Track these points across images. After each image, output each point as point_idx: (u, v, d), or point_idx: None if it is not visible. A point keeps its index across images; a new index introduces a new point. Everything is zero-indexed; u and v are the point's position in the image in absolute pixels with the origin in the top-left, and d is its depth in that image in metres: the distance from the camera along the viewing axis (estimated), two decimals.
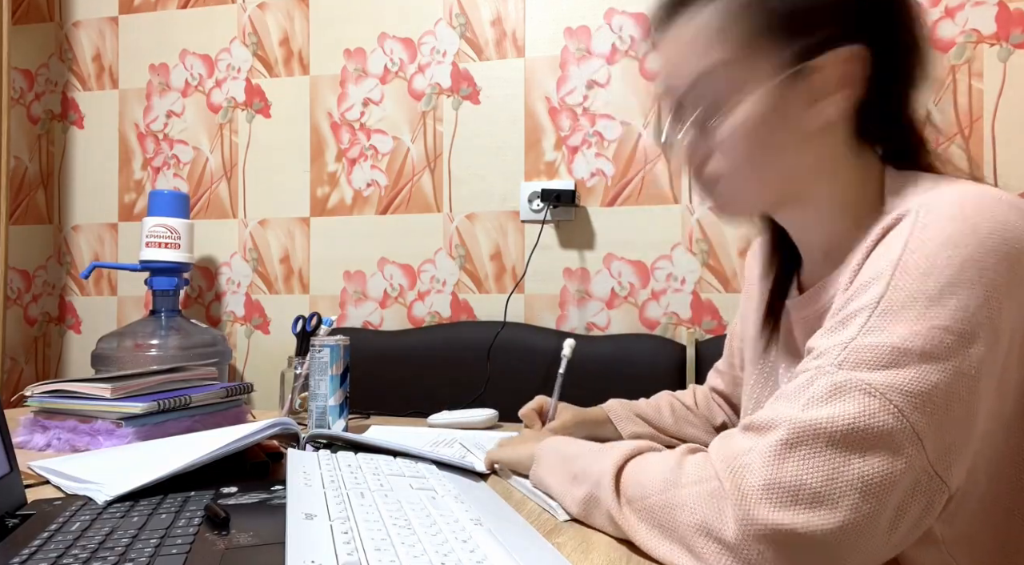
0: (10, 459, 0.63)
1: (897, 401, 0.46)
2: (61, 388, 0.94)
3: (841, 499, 0.45)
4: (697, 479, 0.52)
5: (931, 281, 0.48)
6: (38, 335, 1.97)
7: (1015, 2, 1.39)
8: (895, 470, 0.45)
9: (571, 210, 1.60)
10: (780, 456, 0.47)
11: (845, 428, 0.46)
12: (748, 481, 0.48)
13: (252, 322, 1.81)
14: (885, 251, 0.52)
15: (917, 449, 0.46)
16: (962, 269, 0.48)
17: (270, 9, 1.81)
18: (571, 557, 0.52)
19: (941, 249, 0.49)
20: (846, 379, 0.48)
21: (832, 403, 0.47)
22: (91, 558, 0.49)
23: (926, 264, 0.49)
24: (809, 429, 0.47)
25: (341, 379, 1.02)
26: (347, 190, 1.75)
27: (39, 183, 1.97)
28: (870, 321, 0.49)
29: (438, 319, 1.68)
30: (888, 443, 0.46)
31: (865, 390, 0.47)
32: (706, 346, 1.47)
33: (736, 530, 0.47)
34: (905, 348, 0.47)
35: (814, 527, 0.45)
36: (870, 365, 0.48)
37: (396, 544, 0.47)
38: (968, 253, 0.48)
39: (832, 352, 0.50)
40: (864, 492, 0.45)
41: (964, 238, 0.49)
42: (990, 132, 1.41)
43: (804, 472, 0.46)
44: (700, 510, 0.50)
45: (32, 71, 1.97)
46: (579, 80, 1.60)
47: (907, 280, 0.49)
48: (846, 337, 0.50)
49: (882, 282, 0.50)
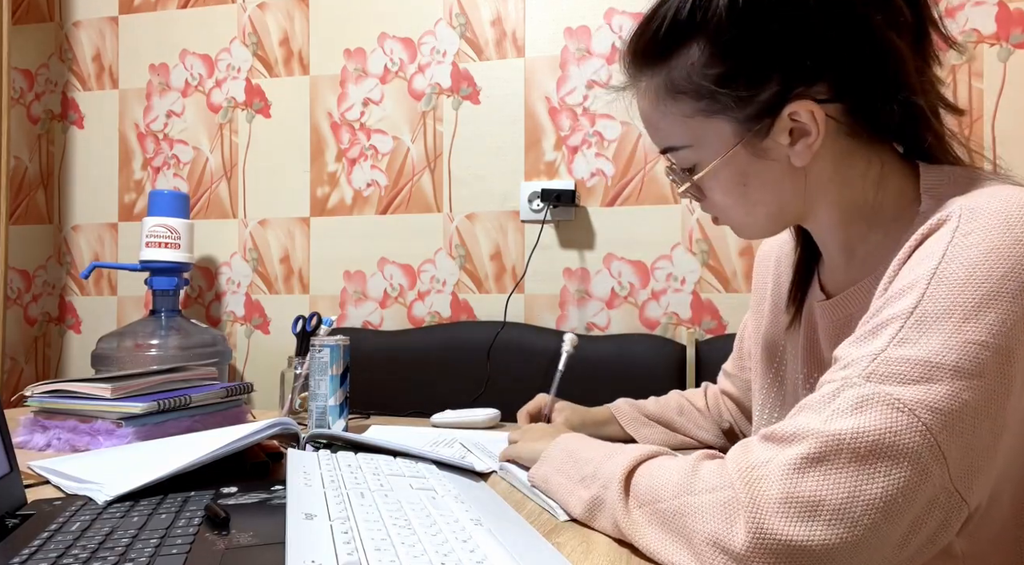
0: (10, 459, 0.63)
1: (926, 418, 0.44)
2: (61, 388, 0.94)
3: (861, 517, 0.44)
4: (712, 487, 0.50)
5: (969, 293, 0.46)
6: (38, 335, 1.97)
7: (1015, 2, 1.39)
8: (917, 488, 0.44)
9: (571, 210, 1.60)
10: (800, 470, 0.46)
11: (870, 444, 0.44)
12: (765, 493, 0.46)
13: (252, 322, 1.81)
14: (923, 258, 0.50)
15: (941, 468, 0.44)
16: (1003, 281, 0.46)
17: (270, 9, 1.81)
18: (571, 557, 0.52)
19: (982, 259, 0.47)
20: (874, 392, 0.46)
21: (858, 417, 0.45)
22: (91, 558, 0.49)
23: (965, 275, 0.47)
24: (832, 443, 0.45)
25: (341, 379, 1.02)
26: (347, 190, 1.75)
27: (39, 183, 1.97)
28: (902, 332, 0.47)
29: (438, 319, 1.68)
30: (913, 461, 0.44)
31: (894, 405, 0.45)
32: (706, 346, 1.47)
33: (746, 541, 0.46)
34: (937, 363, 0.45)
35: (828, 543, 0.44)
36: (900, 379, 0.46)
37: (396, 544, 0.47)
38: (1011, 265, 0.46)
39: (861, 363, 0.48)
40: (885, 511, 0.44)
41: (1008, 249, 0.47)
42: (990, 132, 1.41)
43: (824, 488, 0.45)
44: (712, 519, 0.48)
45: (32, 71, 1.97)
46: (579, 80, 1.60)
47: (944, 290, 0.47)
48: (876, 348, 0.48)
49: (917, 291, 0.48)
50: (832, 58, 0.56)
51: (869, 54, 0.56)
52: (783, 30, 0.55)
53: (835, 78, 0.57)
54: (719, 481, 0.50)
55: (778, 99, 0.57)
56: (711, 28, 0.57)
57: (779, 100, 0.57)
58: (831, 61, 0.56)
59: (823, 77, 0.57)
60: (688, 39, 0.59)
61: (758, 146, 0.59)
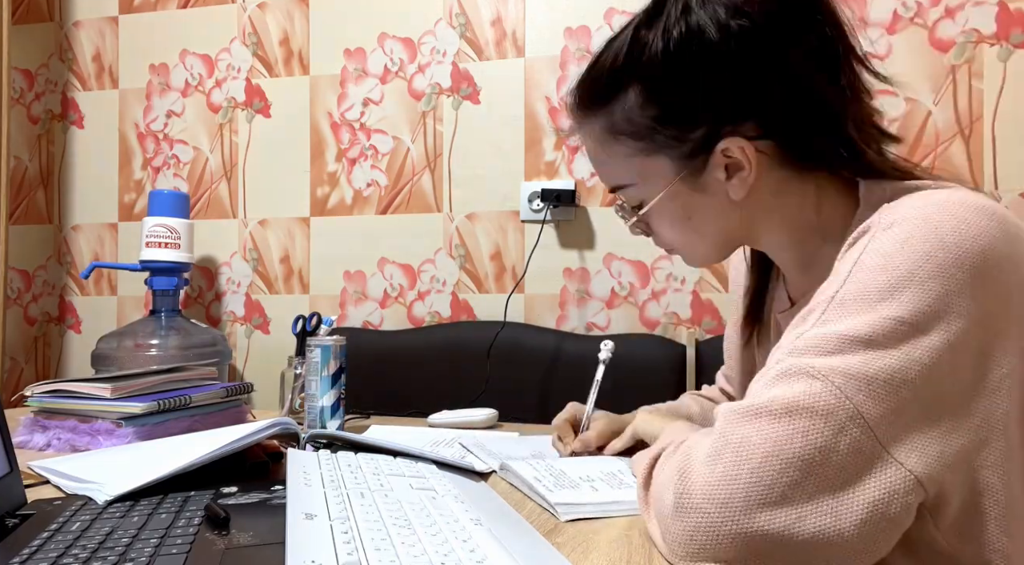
0: (10, 459, 0.63)
1: (839, 382, 0.47)
2: (61, 388, 0.94)
3: (782, 473, 0.46)
4: (669, 465, 0.55)
5: (885, 275, 0.50)
6: (38, 335, 1.97)
7: (1015, 2, 1.39)
8: (834, 439, 0.46)
9: (571, 210, 1.60)
10: (723, 435, 0.50)
11: (787, 406, 0.48)
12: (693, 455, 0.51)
13: (252, 322, 1.81)
14: (849, 255, 0.54)
15: (861, 428, 0.46)
16: (918, 265, 0.49)
17: (270, 9, 1.81)
18: (571, 557, 0.52)
19: (898, 247, 0.50)
20: (792, 364, 0.50)
21: (777, 387, 0.49)
22: (91, 558, 0.49)
23: (881, 261, 0.50)
24: (752, 409, 0.49)
25: (333, 379, 1.02)
26: (347, 190, 1.75)
27: (39, 183, 1.97)
28: (824, 314, 0.51)
29: (438, 319, 1.68)
30: (829, 420, 0.47)
31: (809, 373, 0.48)
32: (706, 346, 1.47)
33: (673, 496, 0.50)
34: (851, 336, 0.48)
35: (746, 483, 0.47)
36: (816, 352, 0.49)
37: (396, 544, 0.47)
38: (926, 249, 0.49)
39: (785, 345, 0.52)
40: (803, 468, 0.46)
41: (922, 237, 0.50)
42: (990, 132, 1.41)
43: (745, 448, 0.48)
44: (663, 485, 0.53)
45: (32, 71, 1.97)
46: None
47: (862, 275, 0.51)
48: (800, 330, 0.52)
49: (840, 279, 0.52)
50: (755, 99, 0.61)
51: (790, 94, 0.60)
52: (708, 74, 0.60)
53: (760, 117, 0.61)
54: (675, 459, 0.55)
55: (709, 137, 0.62)
56: (644, 73, 0.63)
57: (710, 138, 0.62)
58: (754, 102, 0.61)
59: (749, 117, 0.61)
60: (625, 84, 0.64)
61: (697, 181, 0.64)
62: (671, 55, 0.61)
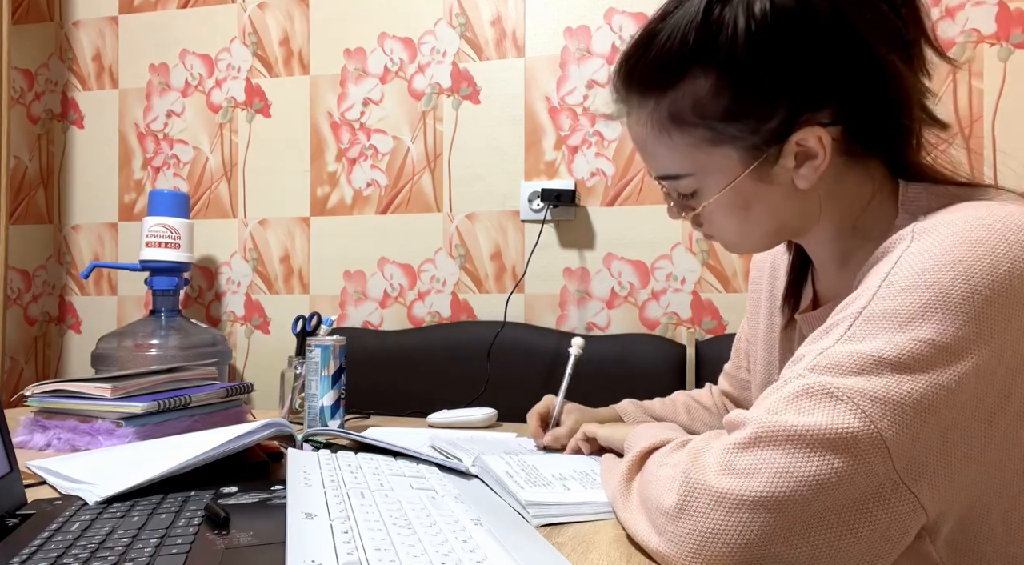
0: (10, 459, 0.63)
1: (864, 406, 0.45)
2: (61, 388, 0.94)
3: (793, 493, 0.45)
4: (672, 463, 0.54)
5: (916, 294, 0.47)
6: (38, 335, 1.97)
7: (1015, 2, 1.39)
8: (854, 473, 0.44)
9: (571, 210, 1.60)
10: (739, 448, 0.48)
11: (808, 429, 0.46)
12: (704, 463, 0.50)
13: (252, 322, 1.81)
14: (880, 267, 0.52)
15: (882, 456, 0.45)
16: (952, 285, 0.46)
17: (270, 9, 1.81)
18: (571, 557, 0.52)
19: (932, 265, 0.48)
20: (815, 382, 0.47)
21: (798, 404, 0.47)
22: (91, 558, 0.49)
23: (913, 278, 0.48)
24: (771, 428, 0.47)
25: (333, 379, 1.02)
26: (347, 190, 1.75)
27: (39, 183, 1.97)
28: (849, 330, 0.49)
29: (438, 319, 1.68)
30: (851, 447, 0.45)
31: (832, 394, 0.46)
32: (706, 346, 1.47)
33: (676, 500, 0.49)
34: (879, 356, 0.46)
35: (754, 494, 0.46)
36: (841, 371, 0.47)
37: (396, 544, 0.47)
38: (960, 270, 0.47)
39: (807, 358, 0.50)
40: (817, 488, 0.45)
41: (958, 256, 0.47)
42: (990, 132, 1.41)
43: (759, 462, 0.46)
44: (661, 488, 0.52)
45: (32, 71, 1.97)
46: (579, 80, 1.60)
47: (892, 293, 0.48)
48: (824, 345, 0.50)
49: (868, 294, 0.50)
50: (838, 82, 0.56)
51: (873, 76, 0.56)
52: (793, 57, 0.55)
53: (839, 102, 0.57)
54: (677, 459, 0.54)
55: (786, 126, 0.56)
56: (721, 57, 0.56)
57: (787, 127, 0.56)
58: (837, 86, 0.56)
59: (829, 101, 0.57)
60: (693, 68, 0.57)
61: (764, 172, 0.59)
62: (753, 36, 0.54)
